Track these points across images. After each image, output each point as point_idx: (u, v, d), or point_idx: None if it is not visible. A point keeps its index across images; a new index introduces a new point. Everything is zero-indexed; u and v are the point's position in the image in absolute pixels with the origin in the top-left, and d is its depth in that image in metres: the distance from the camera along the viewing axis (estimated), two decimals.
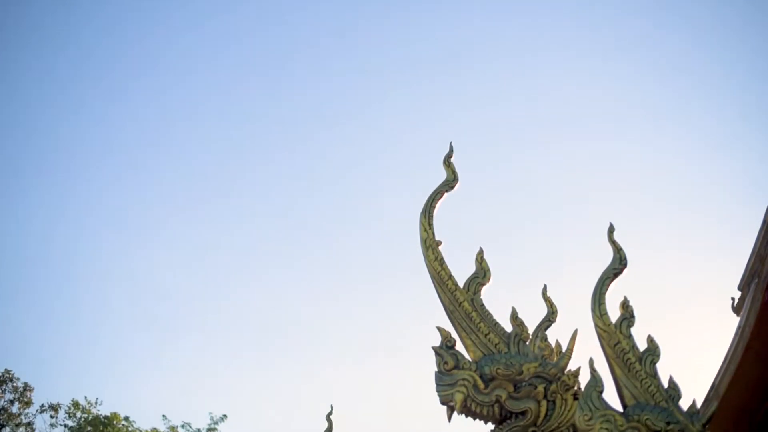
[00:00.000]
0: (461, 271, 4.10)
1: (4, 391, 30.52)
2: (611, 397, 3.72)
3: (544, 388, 3.91)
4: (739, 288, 9.46)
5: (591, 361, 3.69)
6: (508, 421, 3.90)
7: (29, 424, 31.30)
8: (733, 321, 9.43)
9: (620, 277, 3.95)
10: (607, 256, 3.97)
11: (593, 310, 3.81)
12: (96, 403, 32.45)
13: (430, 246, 4.01)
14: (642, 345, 3.89)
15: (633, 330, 3.90)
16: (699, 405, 3.78)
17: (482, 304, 4.06)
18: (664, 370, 3.85)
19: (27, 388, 30.99)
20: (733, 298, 9.68)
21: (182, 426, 36.85)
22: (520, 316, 4.18)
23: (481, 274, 4.10)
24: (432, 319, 4.01)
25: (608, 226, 3.98)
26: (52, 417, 31.94)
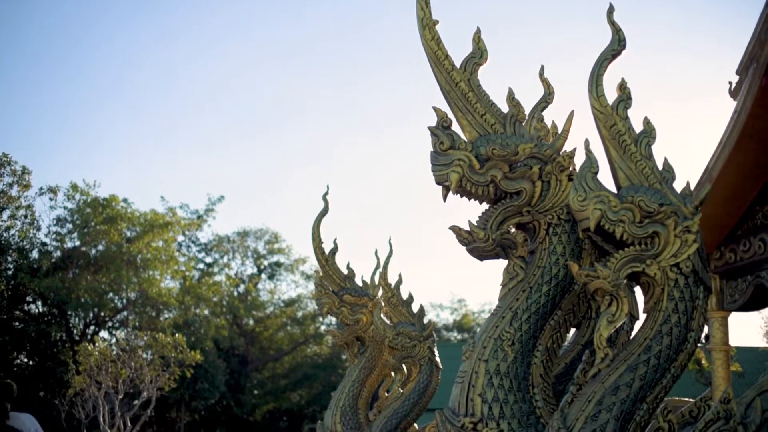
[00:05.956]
0: (459, 57, 4.01)
1: (2, 175, 30.71)
2: (606, 178, 3.72)
3: (539, 169, 3.91)
4: (737, 72, 9.37)
5: (586, 143, 3.66)
6: (503, 201, 3.92)
7: (29, 206, 31.73)
8: (730, 105, 9.43)
9: (618, 59, 3.85)
10: (606, 40, 3.85)
11: (590, 92, 3.74)
12: (95, 186, 32.85)
13: (427, 25, 3.88)
14: (638, 128, 3.84)
15: (630, 113, 3.84)
16: (692, 187, 3.79)
17: (479, 85, 3.98)
18: (659, 153, 3.83)
19: (25, 171, 31.13)
20: (730, 83, 9.62)
21: (180, 207, 37.70)
22: (516, 97, 4.11)
23: (478, 54, 4.00)
24: (429, 102, 3.95)
25: (607, 6, 3.83)
26: (51, 199, 32.42)
